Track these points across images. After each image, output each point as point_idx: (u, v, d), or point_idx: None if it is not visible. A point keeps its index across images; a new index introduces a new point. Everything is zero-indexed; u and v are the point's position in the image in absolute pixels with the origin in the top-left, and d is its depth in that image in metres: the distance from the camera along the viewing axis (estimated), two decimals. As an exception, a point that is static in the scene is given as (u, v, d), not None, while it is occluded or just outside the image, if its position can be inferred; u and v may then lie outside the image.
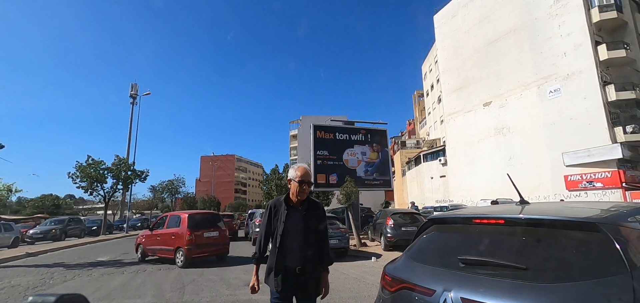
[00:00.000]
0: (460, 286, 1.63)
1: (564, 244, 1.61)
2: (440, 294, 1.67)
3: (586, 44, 21.78)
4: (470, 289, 1.57)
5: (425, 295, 1.75)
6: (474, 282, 1.61)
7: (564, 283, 1.38)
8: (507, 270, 1.58)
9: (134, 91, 29.48)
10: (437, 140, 43.02)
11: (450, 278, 1.71)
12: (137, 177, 23.90)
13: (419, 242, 2.25)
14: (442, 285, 1.70)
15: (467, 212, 2.26)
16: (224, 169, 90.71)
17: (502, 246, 1.81)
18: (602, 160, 20.31)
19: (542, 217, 1.76)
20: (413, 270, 1.98)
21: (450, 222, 2.25)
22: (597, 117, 20.82)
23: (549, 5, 24.20)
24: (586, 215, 1.68)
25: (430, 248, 2.13)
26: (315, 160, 15.80)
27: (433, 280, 1.78)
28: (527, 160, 24.66)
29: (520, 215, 1.82)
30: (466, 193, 28.55)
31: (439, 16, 36.01)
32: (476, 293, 1.53)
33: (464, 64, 31.60)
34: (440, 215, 2.32)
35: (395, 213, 12.22)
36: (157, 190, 51.56)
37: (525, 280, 1.47)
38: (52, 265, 9.69)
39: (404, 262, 2.16)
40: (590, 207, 1.95)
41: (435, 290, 1.71)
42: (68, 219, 22.99)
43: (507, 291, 1.45)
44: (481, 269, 1.68)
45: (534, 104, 24.60)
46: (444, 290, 1.66)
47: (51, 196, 49.35)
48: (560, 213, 1.83)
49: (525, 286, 1.43)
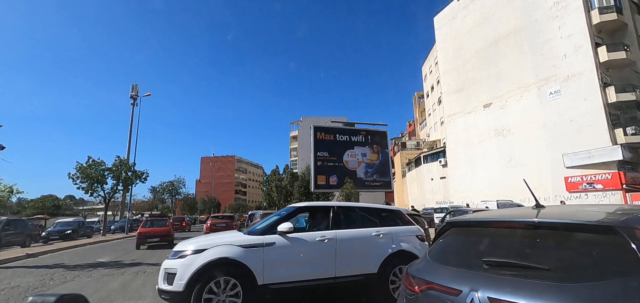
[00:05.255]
0: (486, 286, 1.69)
1: (583, 246, 1.69)
2: (467, 294, 1.73)
3: (586, 46, 21.80)
4: (497, 289, 1.64)
5: (452, 295, 1.82)
6: (500, 282, 1.68)
7: (586, 283, 1.46)
8: (531, 271, 1.66)
9: (135, 92, 29.51)
10: (438, 141, 43.02)
11: (476, 279, 1.78)
12: (138, 177, 23.90)
13: (439, 244, 2.34)
14: (468, 286, 1.77)
15: (485, 216, 2.34)
16: (224, 170, 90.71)
17: (523, 248, 1.88)
18: (603, 162, 20.31)
19: (561, 220, 1.86)
20: (437, 271, 2.05)
21: (468, 225, 2.35)
22: (598, 119, 20.82)
23: (549, 7, 24.24)
24: (603, 218, 1.78)
25: (451, 250, 2.22)
26: (316, 161, 15.83)
27: (458, 281, 1.85)
28: (527, 161, 24.66)
29: (539, 218, 1.91)
30: (466, 195, 28.52)
31: (439, 18, 36.08)
32: (503, 292, 1.60)
33: (464, 66, 31.64)
34: (459, 219, 2.43)
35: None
36: (157, 191, 51.57)
37: (550, 280, 1.55)
38: (52, 266, 9.68)
39: (426, 263, 2.24)
40: (604, 210, 2.04)
41: (462, 290, 1.78)
42: (80, 222, 25.09)
43: (533, 291, 1.53)
44: (505, 270, 1.75)
45: (534, 106, 24.61)
46: (471, 290, 1.73)
47: (51, 197, 49.38)
48: (577, 216, 1.93)
49: (550, 286, 1.52)
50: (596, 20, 22.17)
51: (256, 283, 4.10)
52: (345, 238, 4.72)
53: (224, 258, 4.03)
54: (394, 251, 4.87)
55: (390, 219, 5.31)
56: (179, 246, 4.43)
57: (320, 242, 4.56)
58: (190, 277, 3.88)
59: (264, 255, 4.22)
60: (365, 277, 4.67)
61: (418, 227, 5.53)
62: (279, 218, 4.73)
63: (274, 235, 4.42)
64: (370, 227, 5.04)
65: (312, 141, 16.09)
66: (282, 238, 4.41)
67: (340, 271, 4.54)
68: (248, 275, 4.08)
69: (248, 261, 4.11)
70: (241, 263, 4.06)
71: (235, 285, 4.02)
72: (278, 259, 4.31)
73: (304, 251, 4.49)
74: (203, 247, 4.11)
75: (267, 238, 4.36)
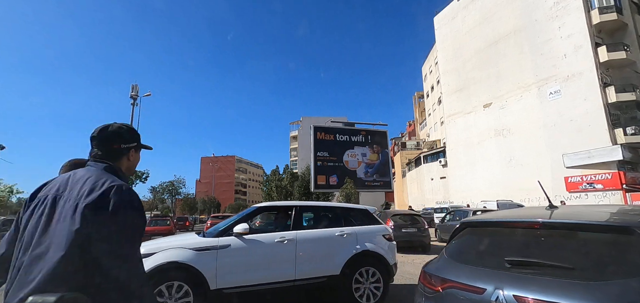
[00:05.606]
0: (511, 284, 1.73)
1: (602, 246, 1.76)
2: (492, 292, 1.77)
3: (586, 46, 21.80)
4: (522, 287, 1.68)
5: (475, 293, 1.85)
6: (524, 281, 1.72)
7: (611, 281, 1.53)
8: (555, 270, 1.71)
9: (135, 92, 29.40)
10: (438, 141, 43.02)
11: (499, 278, 1.82)
12: (138, 178, 23.93)
13: (456, 243, 2.39)
14: (492, 284, 1.80)
15: (501, 216, 2.39)
16: (224, 170, 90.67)
17: (544, 248, 1.94)
18: (603, 162, 20.30)
19: (581, 221, 1.94)
20: (458, 270, 2.09)
21: (484, 225, 2.41)
22: (598, 119, 20.82)
23: (549, 7, 24.24)
24: (620, 219, 1.90)
25: (469, 249, 2.27)
26: (316, 161, 15.83)
27: (481, 279, 1.88)
28: (527, 161, 24.66)
29: (559, 219, 2.00)
30: (466, 195, 28.52)
31: (439, 18, 36.08)
32: (529, 291, 1.65)
33: (464, 66, 31.64)
34: (474, 219, 2.51)
35: (396, 214, 12.21)
36: (157, 191, 51.59)
37: (575, 279, 1.61)
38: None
39: (444, 262, 2.28)
40: (618, 210, 2.16)
41: (486, 288, 1.81)
42: None
43: (560, 289, 1.59)
44: (527, 269, 1.80)
45: (534, 106, 24.61)
46: (495, 288, 1.77)
47: (51, 197, 49.32)
48: (592, 217, 2.00)
49: (576, 284, 1.57)
50: (596, 20, 22.17)
51: (208, 288, 3.92)
52: (306, 238, 4.55)
53: (174, 262, 3.83)
54: (358, 251, 4.70)
55: (356, 219, 5.13)
56: None
57: (279, 244, 4.39)
58: None
59: (218, 259, 4.04)
60: (327, 278, 4.50)
61: (385, 226, 5.35)
62: (237, 220, 4.56)
63: (230, 237, 4.23)
64: (335, 226, 4.87)
65: (312, 141, 16.09)
66: (238, 240, 4.23)
67: (300, 273, 4.35)
68: (199, 280, 3.89)
69: (199, 265, 3.91)
70: (192, 267, 3.87)
71: (184, 290, 3.81)
72: (233, 262, 4.12)
73: (261, 253, 4.31)
74: (152, 251, 3.90)
75: (221, 241, 4.18)
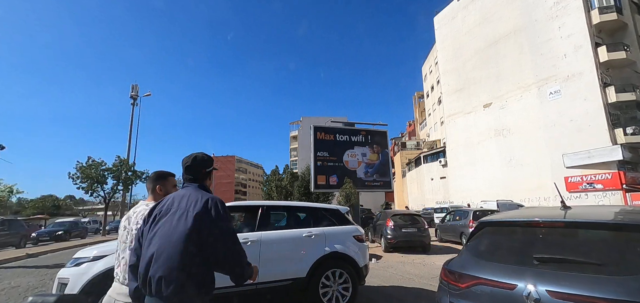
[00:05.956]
0: (542, 280, 1.81)
1: (625, 243, 1.87)
2: (524, 288, 1.83)
3: (586, 46, 21.80)
4: (554, 283, 1.77)
5: (506, 289, 1.91)
6: (555, 277, 1.81)
7: (637, 275, 1.63)
8: (582, 266, 1.82)
9: (135, 92, 29.46)
10: (437, 141, 43.02)
11: (528, 274, 1.89)
12: (138, 177, 23.87)
13: (477, 242, 2.45)
14: (523, 280, 1.87)
15: (521, 216, 2.46)
16: (224, 170, 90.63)
17: (567, 246, 2.04)
18: (603, 162, 20.30)
19: (606, 220, 2.05)
20: (484, 268, 2.14)
21: (503, 225, 2.49)
22: (598, 119, 20.81)
23: (549, 7, 24.23)
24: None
25: (493, 248, 2.34)
26: (316, 161, 15.79)
27: (511, 276, 1.94)
28: (527, 161, 24.65)
29: (582, 219, 2.11)
30: (466, 195, 28.52)
31: (439, 17, 36.08)
32: (561, 286, 1.74)
33: (464, 66, 31.63)
34: (492, 219, 2.57)
35: (396, 214, 12.21)
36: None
37: (603, 274, 1.71)
38: (52, 266, 9.68)
39: (468, 259, 2.34)
40: (632, 210, 2.29)
41: (517, 284, 1.88)
42: (73, 222, 25.04)
43: (591, 283, 1.69)
44: (554, 266, 1.89)
45: (534, 106, 24.61)
46: (527, 284, 1.83)
47: (51, 197, 49.40)
48: (609, 217, 2.14)
49: (605, 279, 1.68)
50: (596, 20, 22.16)
51: None
52: (271, 240, 4.34)
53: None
54: (326, 253, 4.50)
55: (327, 219, 4.93)
56: (81, 252, 4.01)
57: (243, 245, 4.15)
58: (82, 287, 3.48)
59: None
60: (292, 281, 4.27)
61: (357, 227, 5.18)
62: None
63: None
64: (305, 227, 4.66)
65: (312, 141, 16.05)
66: None
67: (263, 276, 4.07)
68: None
69: None
70: None
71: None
72: None
73: None
74: (104, 253, 3.71)
75: None
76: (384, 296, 5.58)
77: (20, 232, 17.38)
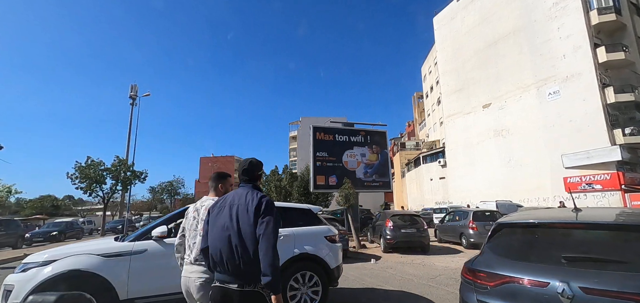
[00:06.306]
0: (574, 278, 1.90)
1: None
2: (557, 286, 1.92)
3: (585, 46, 21.83)
4: (585, 280, 1.87)
5: (539, 287, 2.00)
6: (585, 275, 1.91)
7: None
8: (610, 264, 1.93)
9: (134, 92, 29.42)
10: (437, 141, 43.05)
11: (560, 272, 1.98)
12: (137, 178, 23.80)
13: (497, 242, 2.54)
14: (555, 278, 1.96)
15: (540, 217, 2.55)
16: (223, 170, 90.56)
17: (591, 245, 2.16)
18: (601, 162, 20.33)
19: (625, 222, 2.20)
20: (513, 267, 2.21)
21: (521, 226, 2.58)
22: (596, 119, 20.85)
23: (548, 8, 24.27)
24: None
25: (517, 248, 2.43)
26: (315, 161, 15.78)
27: (542, 274, 2.03)
28: (526, 162, 24.68)
29: (606, 220, 2.25)
30: (466, 195, 28.54)
31: (439, 18, 36.11)
32: (593, 283, 1.84)
33: (463, 66, 31.66)
34: (510, 221, 2.67)
35: (395, 215, 12.22)
36: (156, 191, 51.48)
37: (629, 270, 1.83)
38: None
39: (493, 259, 2.41)
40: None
41: (549, 282, 1.97)
42: (68, 223, 24.63)
43: (620, 279, 1.80)
44: (582, 264, 1.99)
45: (533, 106, 24.64)
46: (560, 282, 1.92)
47: (50, 197, 49.24)
48: (627, 219, 2.28)
49: (632, 275, 1.79)
50: (595, 20, 22.20)
51: (118, 298, 3.58)
52: None
53: (75, 270, 3.45)
54: (294, 255, 4.37)
55: (298, 219, 4.79)
56: (31, 256, 3.81)
57: None
58: (28, 294, 3.32)
59: (131, 265, 3.69)
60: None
61: (329, 227, 4.98)
62: (159, 222, 4.16)
63: (148, 241, 3.85)
64: None
65: (312, 141, 16.03)
66: (156, 244, 3.83)
67: None
68: (106, 289, 3.53)
69: (107, 272, 3.55)
70: (97, 275, 3.50)
71: (87, 299, 3.44)
72: (148, 269, 3.76)
73: None
74: (53, 258, 3.54)
75: (137, 246, 3.82)
76: (324, 301, 5.57)
77: (17, 233, 17.29)
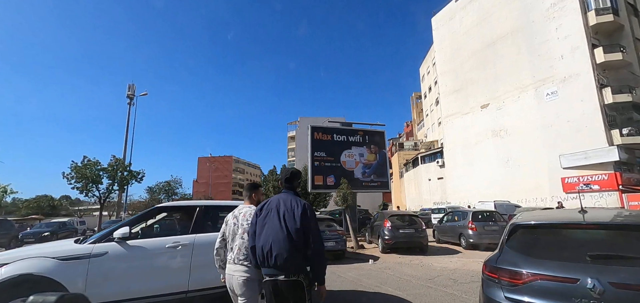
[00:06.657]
0: (603, 274, 1.99)
1: None
2: (586, 282, 2.00)
3: (583, 47, 21.88)
4: (614, 276, 1.97)
5: (568, 283, 2.09)
6: (612, 271, 2.01)
7: None
8: (631, 261, 2.05)
9: (131, 92, 29.26)
10: (435, 142, 43.08)
11: (587, 269, 2.07)
12: (134, 177, 23.61)
13: (516, 243, 2.61)
14: (584, 275, 2.04)
15: (557, 218, 2.71)
16: (221, 170, 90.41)
17: (612, 243, 2.28)
18: (599, 163, 20.37)
19: (638, 222, 2.33)
20: (540, 265, 2.29)
21: (540, 227, 2.69)
22: (594, 120, 20.89)
23: (546, 8, 24.32)
24: None
25: (539, 247, 2.50)
26: (313, 161, 15.69)
27: (570, 271, 2.12)
28: (524, 162, 24.71)
29: (624, 220, 2.41)
30: (464, 195, 28.56)
31: (437, 18, 36.14)
32: (621, 278, 1.94)
33: (461, 66, 31.69)
34: (527, 222, 2.76)
35: (393, 215, 12.17)
36: (153, 191, 51.22)
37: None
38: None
39: (516, 257, 2.48)
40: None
41: (579, 278, 2.05)
42: (60, 223, 24.09)
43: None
44: (606, 261, 2.10)
45: (531, 106, 24.68)
46: (589, 278, 2.01)
47: (46, 197, 48.88)
48: (629, 219, 2.46)
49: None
50: (593, 21, 22.25)
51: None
52: (205, 243, 3.94)
53: (27, 274, 3.29)
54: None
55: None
56: None
57: (172, 249, 3.87)
58: None
59: (89, 269, 3.52)
60: (224, 289, 4.09)
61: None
62: (125, 222, 4.05)
63: (109, 244, 3.71)
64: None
65: (310, 141, 15.95)
66: (118, 246, 3.69)
67: (194, 283, 3.84)
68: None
69: (62, 277, 3.36)
70: (52, 279, 3.33)
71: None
72: (108, 272, 3.60)
73: (147, 261, 3.77)
74: (5, 261, 3.37)
75: (97, 248, 3.65)
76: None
77: (10, 233, 17.03)
